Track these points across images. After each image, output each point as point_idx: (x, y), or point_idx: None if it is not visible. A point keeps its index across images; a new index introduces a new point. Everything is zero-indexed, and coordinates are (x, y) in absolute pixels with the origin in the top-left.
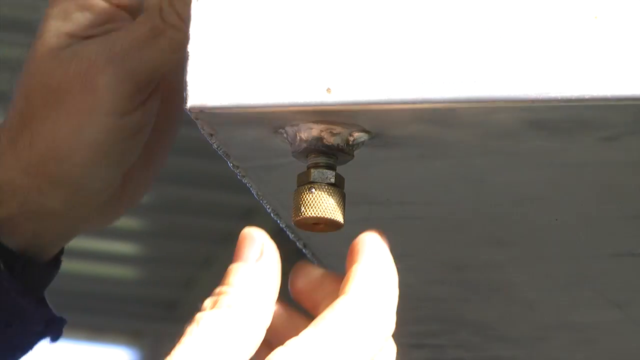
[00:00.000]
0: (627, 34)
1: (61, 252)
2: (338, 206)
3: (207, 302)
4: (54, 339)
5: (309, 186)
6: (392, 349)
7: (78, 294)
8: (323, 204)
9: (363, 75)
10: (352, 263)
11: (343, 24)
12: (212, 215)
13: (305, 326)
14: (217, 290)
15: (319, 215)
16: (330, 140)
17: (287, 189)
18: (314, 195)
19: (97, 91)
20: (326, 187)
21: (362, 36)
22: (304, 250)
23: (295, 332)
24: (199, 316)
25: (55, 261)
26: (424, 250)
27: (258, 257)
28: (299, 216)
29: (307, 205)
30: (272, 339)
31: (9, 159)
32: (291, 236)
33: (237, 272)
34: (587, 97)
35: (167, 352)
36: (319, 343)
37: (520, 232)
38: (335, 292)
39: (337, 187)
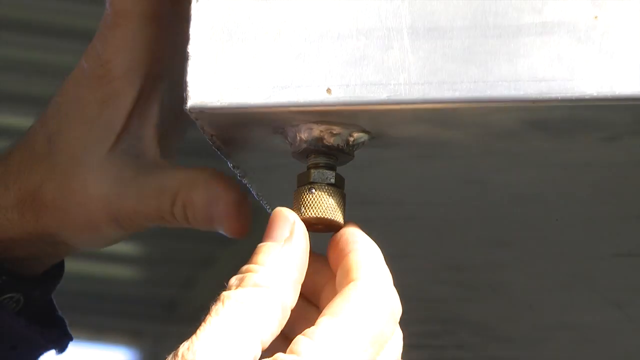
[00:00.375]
0: (627, 34)
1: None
2: (338, 207)
3: (233, 280)
4: (60, 351)
5: (309, 186)
6: (400, 333)
7: (78, 294)
8: (323, 205)
9: (363, 76)
10: (345, 252)
11: (343, 24)
12: None
13: (312, 312)
14: (244, 267)
15: (319, 216)
16: (330, 140)
17: (287, 189)
18: (314, 196)
19: (99, 230)
20: (326, 187)
21: (361, 37)
22: None
23: (304, 319)
24: (225, 295)
25: (59, 267)
26: (424, 250)
27: (288, 238)
28: (299, 216)
29: (307, 205)
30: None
31: (15, 220)
32: None
33: (265, 251)
34: (587, 97)
35: (192, 334)
36: (342, 332)
37: (520, 232)
38: (334, 278)
39: (338, 188)
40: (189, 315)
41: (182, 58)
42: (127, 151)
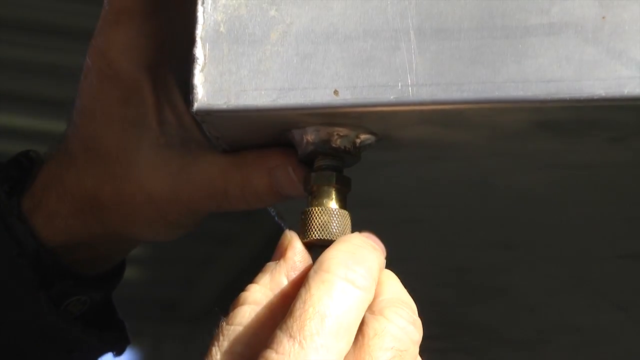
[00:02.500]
0: (634, 35)
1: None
2: (345, 228)
3: (231, 305)
4: (117, 355)
5: (313, 209)
6: (387, 325)
7: None
8: (330, 227)
9: (370, 77)
10: None
11: (349, 26)
12: (212, 216)
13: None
14: (247, 287)
15: (325, 238)
16: (337, 142)
17: None
18: (322, 218)
19: (167, 224)
20: (332, 210)
21: (368, 38)
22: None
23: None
24: (222, 322)
25: (119, 267)
26: (428, 253)
27: (282, 254)
28: (306, 238)
29: (314, 228)
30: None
31: (77, 226)
32: None
33: (263, 269)
34: (595, 97)
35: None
36: (286, 335)
37: (525, 234)
38: None
39: (343, 210)
40: (189, 315)
41: (185, 39)
42: (169, 143)
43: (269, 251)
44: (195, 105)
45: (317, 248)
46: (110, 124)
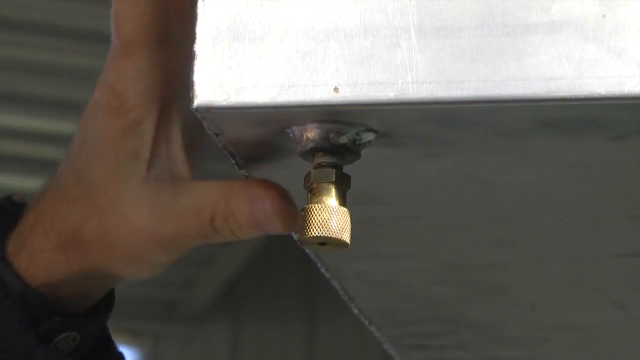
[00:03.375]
0: (635, 33)
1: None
2: (344, 225)
3: None
4: None
5: (317, 206)
6: None
7: None
8: (329, 224)
9: (370, 75)
10: None
11: (350, 23)
12: None
13: None
14: None
15: (325, 235)
16: (336, 139)
17: (293, 189)
18: (321, 216)
19: (147, 260)
20: (332, 208)
21: (368, 36)
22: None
23: None
24: None
25: (109, 297)
26: (428, 250)
27: None
28: (305, 236)
29: (314, 226)
30: None
31: (61, 261)
32: (295, 237)
33: None
34: (595, 95)
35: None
36: None
37: (525, 232)
38: None
39: (343, 207)
40: (189, 315)
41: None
42: (160, 176)
43: (269, 251)
44: (196, 102)
45: (316, 246)
46: (105, 156)
